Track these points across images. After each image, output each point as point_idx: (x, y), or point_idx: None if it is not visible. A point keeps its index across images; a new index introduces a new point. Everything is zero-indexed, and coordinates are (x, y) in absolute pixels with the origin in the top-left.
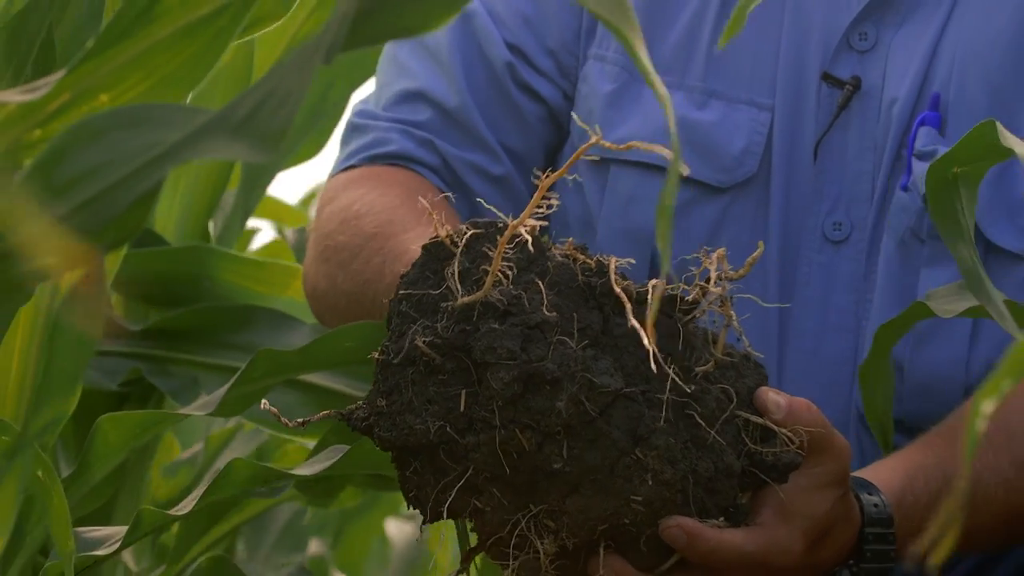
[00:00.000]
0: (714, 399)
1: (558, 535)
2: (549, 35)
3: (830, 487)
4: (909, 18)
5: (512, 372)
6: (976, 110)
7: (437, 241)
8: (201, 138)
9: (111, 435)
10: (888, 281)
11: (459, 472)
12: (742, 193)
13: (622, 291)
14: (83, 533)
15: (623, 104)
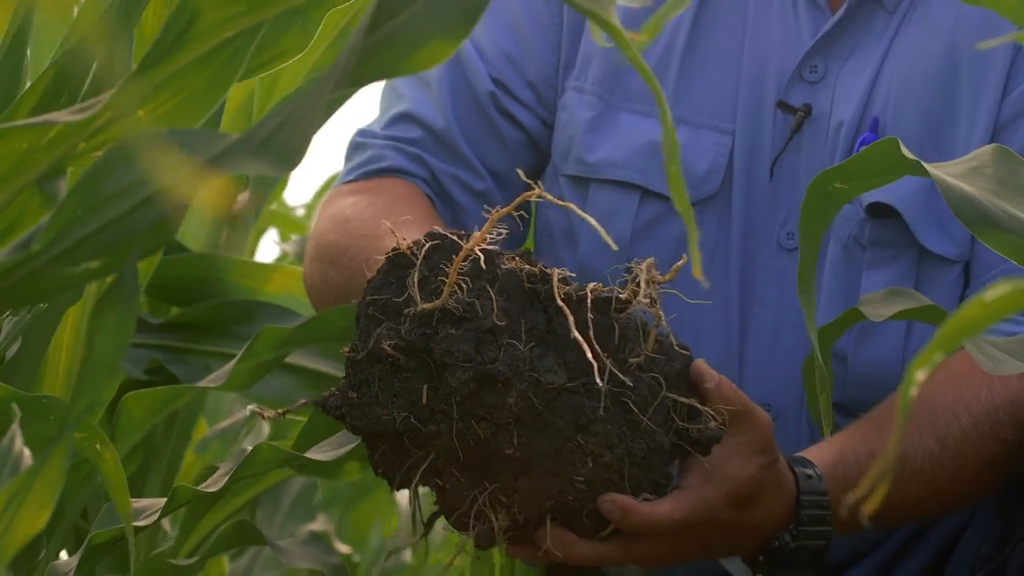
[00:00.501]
0: (646, 386)
1: (510, 510)
2: (528, 70)
3: (754, 455)
4: (854, 53)
5: (468, 372)
6: (910, 132)
7: (399, 252)
8: (228, 156)
9: (135, 411)
10: (833, 282)
11: (422, 455)
12: (707, 207)
13: (563, 298)
14: None
15: (601, 129)
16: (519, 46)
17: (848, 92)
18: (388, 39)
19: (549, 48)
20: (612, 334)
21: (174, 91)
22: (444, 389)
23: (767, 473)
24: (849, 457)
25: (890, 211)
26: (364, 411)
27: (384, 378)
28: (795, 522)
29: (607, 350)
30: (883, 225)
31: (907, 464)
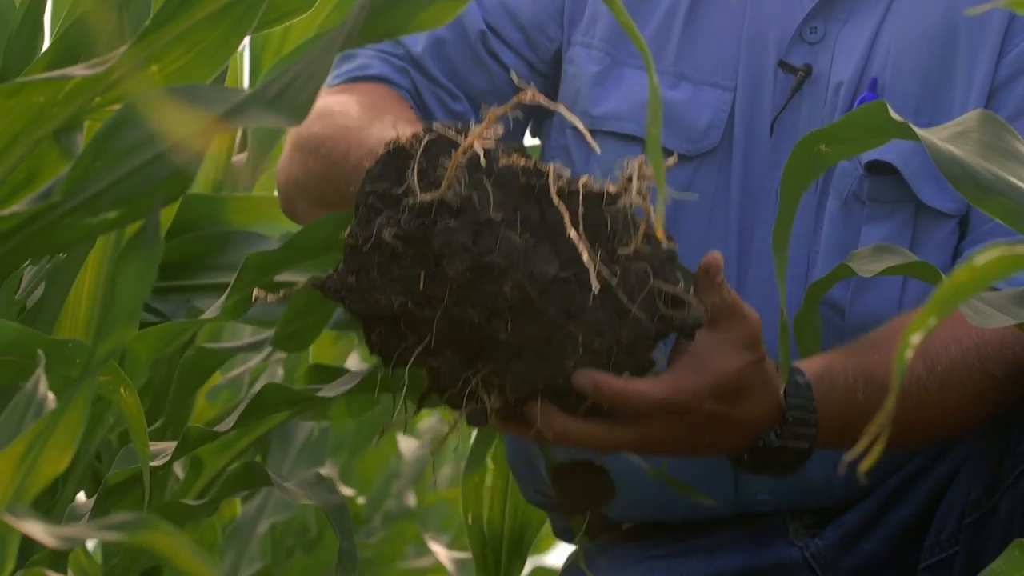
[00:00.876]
0: (634, 276)
1: (502, 391)
2: (523, 14)
3: (741, 350)
4: (853, 15)
5: (465, 262)
6: (908, 93)
7: (399, 144)
8: (241, 111)
9: (140, 351)
10: (832, 236)
11: (418, 338)
12: (707, 161)
13: (557, 193)
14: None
15: (607, 84)
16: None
17: (847, 53)
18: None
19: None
20: (603, 226)
21: (186, 47)
22: (441, 277)
23: (754, 370)
24: (837, 368)
25: (889, 168)
26: (362, 295)
27: (383, 265)
28: (781, 423)
29: (598, 241)
30: (881, 181)
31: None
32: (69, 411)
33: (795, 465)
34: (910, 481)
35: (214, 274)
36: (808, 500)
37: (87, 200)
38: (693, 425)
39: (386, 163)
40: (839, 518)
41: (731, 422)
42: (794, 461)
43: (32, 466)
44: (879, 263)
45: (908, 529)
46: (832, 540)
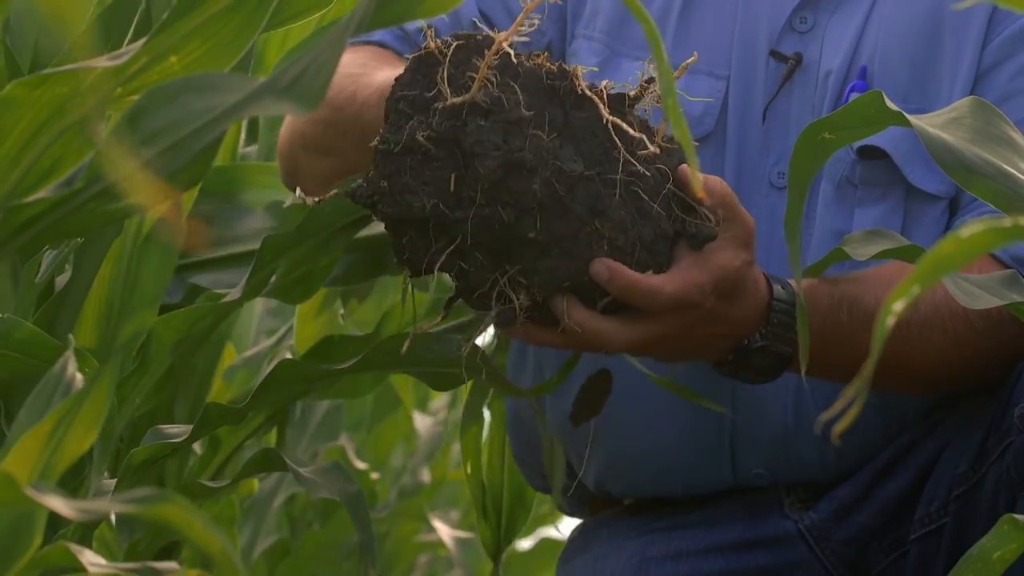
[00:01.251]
0: (653, 177)
1: (530, 290)
2: (515, 5)
3: (739, 248)
4: (841, 5)
5: (496, 160)
6: (897, 80)
7: (428, 51)
8: (255, 99)
9: (164, 334)
10: (827, 219)
11: (448, 239)
12: (702, 147)
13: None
14: (161, 429)
15: (605, 74)
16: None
17: (836, 42)
18: None
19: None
20: (620, 129)
21: (203, 39)
22: (472, 177)
23: (748, 270)
24: (823, 288)
25: (880, 152)
26: (395, 199)
27: (414, 168)
28: (765, 324)
29: (624, 140)
30: (873, 165)
31: (874, 319)
32: (94, 392)
33: (774, 371)
34: (900, 455)
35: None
36: (802, 474)
37: (110, 186)
38: (694, 322)
39: (415, 70)
40: (832, 491)
41: (724, 320)
42: (774, 365)
43: (58, 445)
44: (872, 247)
45: (898, 501)
46: (825, 513)
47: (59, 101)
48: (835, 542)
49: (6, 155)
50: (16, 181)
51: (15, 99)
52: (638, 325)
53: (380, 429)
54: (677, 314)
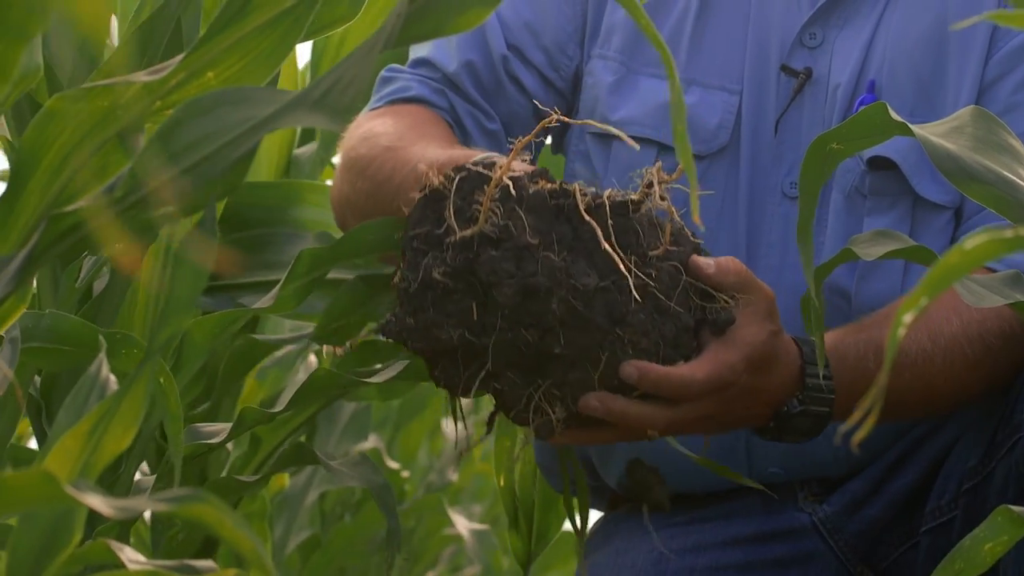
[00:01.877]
0: (667, 274)
1: (564, 401)
2: (545, 35)
3: (763, 320)
4: (849, 22)
5: (512, 287)
6: (904, 94)
7: (433, 188)
8: (287, 112)
9: (197, 337)
10: (837, 227)
11: (479, 365)
12: (717, 160)
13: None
14: (199, 428)
15: (622, 92)
16: (538, 15)
17: (844, 57)
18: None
19: (566, 19)
20: (631, 232)
21: (240, 55)
22: (492, 304)
23: (776, 339)
24: (849, 340)
25: (888, 163)
26: (423, 334)
27: (437, 302)
28: (801, 389)
29: (629, 248)
30: (882, 176)
31: (903, 356)
32: (131, 392)
33: (815, 430)
34: (911, 450)
35: (259, 273)
36: (816, 471)
37: (146, 196)
38: (730, 399)
39: (424, 206)
40: (845, 485)
41: (760, 392)
42: (814, 426)
43: (97, 444)
44: (880, 247)
45: (910, 495)
46: (838, 506)
47: (100, 114)
48: (848, 534)
49: (49, 166)
50: (58, 191)
51: (57, 112)
52: (678, 407)
53: (408, 428)
54: (713, 395)
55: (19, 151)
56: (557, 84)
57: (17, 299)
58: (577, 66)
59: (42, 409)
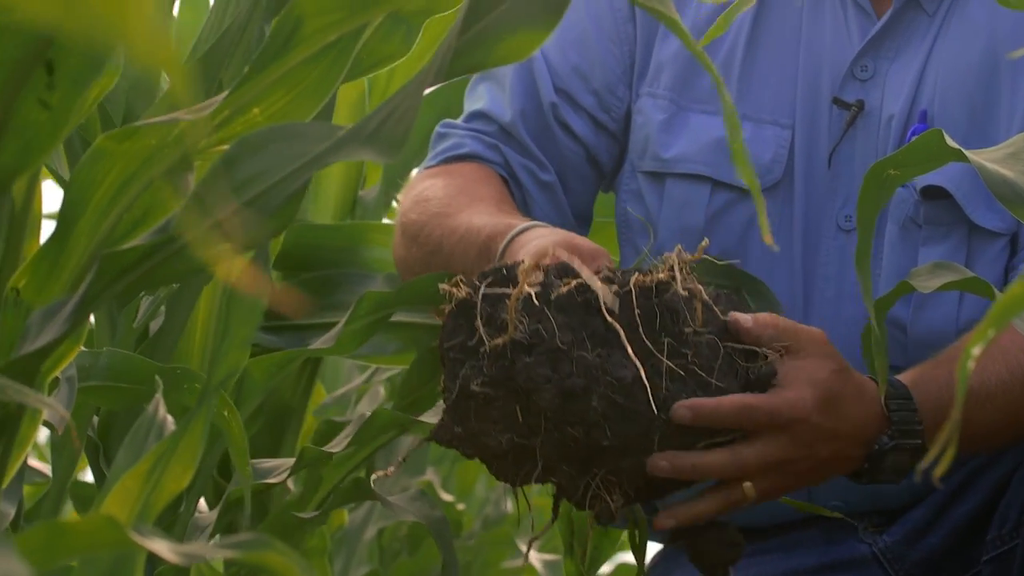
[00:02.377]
0: (706, 346)
1: (621, 487)
2: (594, 79)
3: (821, 359)
4: (900, 53)
5: (551, 391)
6: (957, 123)
7: (461, 298)
8: (339, 146)
9: (256, 375)
10: (893, 258)
11: (532, 464)
12: (771, 195)
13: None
14: (257, 465)
15: (674, 129)
16: (586, 58)
17: (896, 88)
18: (479, 36)
19: (615, 60)
20: (663, 315)
21: (285, 90)
22: (534, 408)
23: (841, 376)
24: (928, 375)
25: (942, 192)
26: (472, 441)
27: (480, 410)
28: (888, 424)
29: (664, 329)
30: (936, 205)
31: (984, 388)
32: (189, 432)
33: (910, 466)
34: (972, 478)
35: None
36: (876, 503)
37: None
38: (807, 441)
39: (456, 316)
40: (905, 515)
41: (841, 435)
42: (910, 461)
43: (156, 484)
44: (937, 279)
45: (971, 523)
46: (899, 536)
47: (147, 153)
48: (909, 564)
49: (97, 205)
50: (108, 230)
51: (105, 151)
52: (746, 446)
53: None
54: (781, 432)
55: (68, 191)
56: (609, 127)
57: (72, 341)
58: (627, 106)
59: (100, 449)
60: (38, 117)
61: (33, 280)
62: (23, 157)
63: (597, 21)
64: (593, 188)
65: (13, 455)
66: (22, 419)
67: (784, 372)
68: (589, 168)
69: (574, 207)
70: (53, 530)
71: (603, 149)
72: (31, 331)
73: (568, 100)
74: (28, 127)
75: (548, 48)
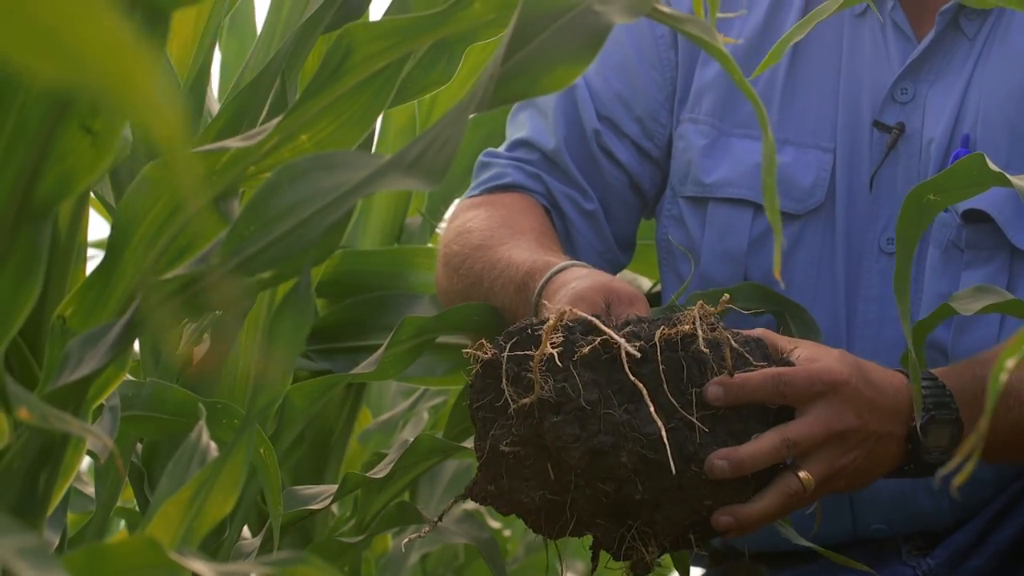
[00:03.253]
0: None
1: (657, 539)
2: (637, 106)
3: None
4: (940, 77)
5: (580, 450)
6: (999, 148)
7: (488, 359)
8: (381, 175)
9: (297, 401)
10: (934, 282)
11: (567, 518)
12: (813, 218)
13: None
14: (300, 491)
15: (715, 154)
16: (628, 85)
17: (937, 111)
18: (521, 65)
19: (656, 87)
20: (690, 366)
21: (332, 117)
22: (564, 466)
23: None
24: (956, 369)
25: (984, 216)
26: (505, 499)
27: (511, 469)
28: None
29: (691, 381)
30: (978, 229)
31: (1013, 392)
32: (232, 459)
33: (952, 441)
34: (1013, 502)
35: (380, 335)
36: (919, 525)
37: (243, 262)
38: (855, 408)
39: (483, 376)
40: (948, 538)
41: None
42: (950, 436)
43: (199, 510)
44: (978, 302)
45: (1013, 547)
46: (942, 559)
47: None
48: None
49: (145, 233)
50: (155, 259)
51: (152, 180)
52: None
53: None
54: (829, 400)
55: (115, 219)
56: (652, 154)
57: (116, 368)
58: (670, 133)
59: (144, 476)
60: (81, 143)
61: (80, 309)
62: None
63: (638, 48)
64: (636, 215)
65: (58, 484)
66: (67, 448)
67: (807, 355)
68: (632, 195)
69: (616, 234)
70: (95, 553)
71: (646, 176)
72: (71, 358)
73: (611, 127)
74: (70, 153)
75: (590, 75)
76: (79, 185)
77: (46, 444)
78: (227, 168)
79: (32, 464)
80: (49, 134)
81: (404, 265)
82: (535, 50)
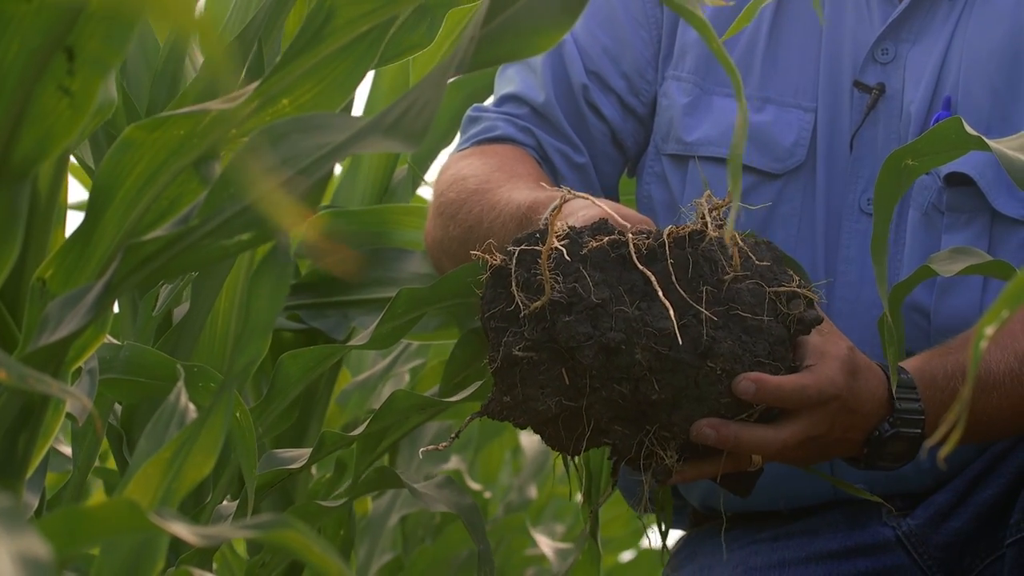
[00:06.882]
0: (748, 292)
1: (675, 441)
2: (624, 62)
3: (836, 337)
4: (921, 37)
5: (593, 348)
6: (980, 109)
7: (496, 265)
8: (361, 137)
9: (291, 369)
10: (915, 245)
11: (584, 426)
12: (793, 178)
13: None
14: (279, 454)
15: (697, 112)
16: (615, 41)
17: (917, 71)
18: (501, 29)
19: (643, 44)
20: (703, 261)
21: (314, 82)
22: (579, 367)
23: (855, 352)
24: (935, 363)
25: (965, 179)
26: (522, 409)
27: (526, 376)
28: (891, 411)
29: (702, 278)
30: (959, 192)
31: (990, 376)
32: (211, 420)
33: (908, 455)
34: (994, 463)
35: (370, 290)
36: (900, 487)
37: (222, 223)
38: (835, 415)
39: (493, 285)
40: (928, 499)
41: (856, 410)
42: (908, 450)
43: (178, 472)
44: (957, 264)
45: (993, 508)
46: (922, 520)
47: (176, 143)
48: (932, 547)
49: (126, 195)
50: (135, 220)
51: (134, 141)
52: (788, 426)
53: (489, 449)
54: (822, 408)
55: (96, 181)
56: (638, 111)
57: (96, 329)
58: (655, 90)
59: (123, 438)
60: (58, 104)
61: (60, 271)
62: (43, 144)
63: (624, 3)
64: (619, 171)
65: (37, 445)
66: (46, 410)
67: (810, 347)
68: (615, 150)
69: (603, 190)
70: (73, 515)
71: (628, 132)
72: (50, 319)
73: (599, 82)
74: (48, 114)
75: (578, 31)
76: (57, 146)
77: (26, 406)
78: (208, 131)
79: (11, 426)
80: (27, 96)
81: (390, 224)
82: (516, 13)
